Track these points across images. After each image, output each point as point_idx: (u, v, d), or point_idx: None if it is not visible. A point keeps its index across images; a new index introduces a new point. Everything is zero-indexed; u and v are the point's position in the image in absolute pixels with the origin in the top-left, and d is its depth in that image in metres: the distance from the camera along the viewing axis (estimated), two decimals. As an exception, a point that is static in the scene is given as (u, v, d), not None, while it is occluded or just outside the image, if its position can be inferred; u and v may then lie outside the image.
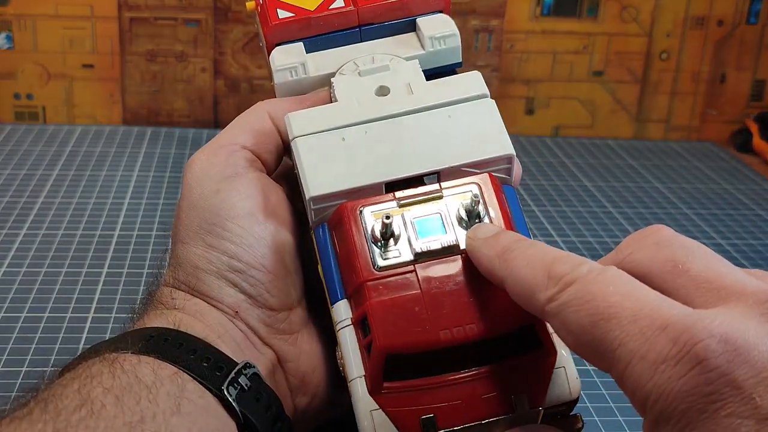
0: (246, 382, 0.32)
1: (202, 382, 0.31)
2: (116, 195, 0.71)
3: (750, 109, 0.96)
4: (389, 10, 0.40)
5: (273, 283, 0.36)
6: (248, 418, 0.32)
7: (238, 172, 0.37)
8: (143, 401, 0.29)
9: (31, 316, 0.52)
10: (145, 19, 0.86)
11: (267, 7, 0.40)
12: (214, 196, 0.36)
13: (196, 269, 0.36)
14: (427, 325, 0.31)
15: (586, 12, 0.91)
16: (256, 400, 0.32)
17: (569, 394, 0.32)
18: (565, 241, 0.67)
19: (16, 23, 0.85)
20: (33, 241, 0.62)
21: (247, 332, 0.36)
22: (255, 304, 0.36)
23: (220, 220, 0.36)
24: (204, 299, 0.36)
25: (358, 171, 0.34)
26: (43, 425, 0.27)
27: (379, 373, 0.31)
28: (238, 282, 0.35)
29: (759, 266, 0.65)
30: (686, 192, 0.80)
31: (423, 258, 0.32)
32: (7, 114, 0.88)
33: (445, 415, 0.31)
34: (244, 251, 0.35)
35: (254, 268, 0.36)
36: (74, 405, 0.28)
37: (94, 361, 0.31)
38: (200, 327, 0.34)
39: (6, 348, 0.48)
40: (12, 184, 0.72)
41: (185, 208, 0.37)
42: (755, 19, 0.93)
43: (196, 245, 0.36)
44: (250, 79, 0.89)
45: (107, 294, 0.55)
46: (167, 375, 0.31)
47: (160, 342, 0.32)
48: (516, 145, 0.35)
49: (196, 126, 0.90)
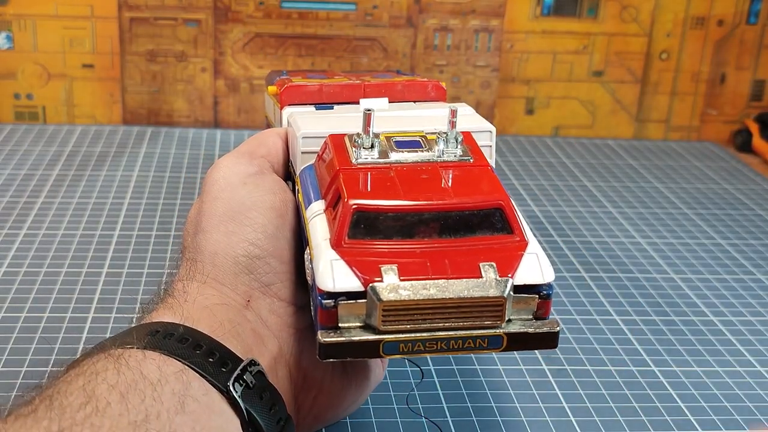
0: (251, 380, 0.33)
1: (207, 378, 0.31)
2: (116, 195, 0.71)
3: (750, 109, 0.96)
4: (392, 90, 0.44)
5: (287, 275, 0.37)
6: (252, 416, 0.32)
7: (263, 171, 0.39)
8: (148, 399, 0.29)
9: (31, 316, 0.52)
10: (145, 19, 0.86)
11: (285, 83, 0.45)
12: (241, 188, 0.38)
13: (214, 255, 0.36)
14: (399, 192, 0.32)
15: (586, 12, 0.91)
16: (260, 397, 0.33)
17: (541, 277, 0.32)
18: (564, 241, 0.67)
19: (16, 23, 0.85)
20: (33, 241, 0.62)
21: (256, 324, 0.36)
22: (267, 293, 0.37)
23: (245, 209, 0.37)
24: (217, 288, 0.36)
25: (346, 125, 0.38)
26: (48, 423, 0.27)
27: (344, 228, 0.31)
28: (254, 268, 0.36)
29: (759, 266, 0.65)
30: (686, 192, 0.80)
31: (400, 164, 0.34)
32: (7, 114, 0.88)
33: (408, 267, 0.31)
34: (265, 239, 0.37)
35: (272, 257, 0.37)
36: (79, 402, 0.28)
37: (99, 357, 0.31)
38: (208, 322, 0.34)
39: (6, 348, 0.48)
40: (12, 184, 0.72)
41: (209, 200, 0.38)
42: (755, 19, 0.93)
43: (218, 231, 0.37)
44: (250, 79, 0.89)
45: (107, 294, 0.55)
46: (172, 372, 0.31)
47: (165, 337, 0.32)
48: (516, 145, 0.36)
49: (196, 126, 0.90)
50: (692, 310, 0.57)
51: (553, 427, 0.45)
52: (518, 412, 0.46)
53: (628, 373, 0.50)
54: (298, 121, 0.40)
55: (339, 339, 0.30)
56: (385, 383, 0.47)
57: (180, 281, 0.37)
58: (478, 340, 0.31)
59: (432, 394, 0.47)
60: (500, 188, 0.33)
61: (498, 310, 0.31)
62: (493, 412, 0.46)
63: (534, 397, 0.47)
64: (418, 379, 0.48)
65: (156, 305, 0.36)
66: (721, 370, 0.50)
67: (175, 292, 0.36)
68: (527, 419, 0.45)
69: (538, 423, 0.45)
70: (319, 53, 0.89)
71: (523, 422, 0.45)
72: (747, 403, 0.48)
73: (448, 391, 0.47)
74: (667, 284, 0.61)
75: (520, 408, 0.46)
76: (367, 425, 0.44)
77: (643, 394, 0.48)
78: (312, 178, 0.37)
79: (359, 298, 0.30)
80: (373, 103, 0.43)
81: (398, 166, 0.34)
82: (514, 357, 0.51)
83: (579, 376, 0.49)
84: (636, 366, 0.51)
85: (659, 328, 0.55)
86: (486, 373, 0.49)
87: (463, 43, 0.89)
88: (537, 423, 0.45)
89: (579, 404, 0.47)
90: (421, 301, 0.30)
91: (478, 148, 0.36)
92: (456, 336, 0.31)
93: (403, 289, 0.30)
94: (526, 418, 0.45)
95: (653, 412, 0.47)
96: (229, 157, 0.40)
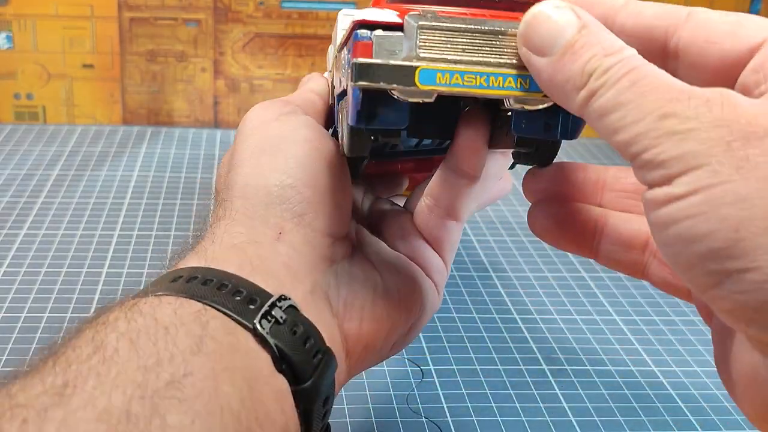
0: (281, 315, 0.31)
1: (231, 315, 0.30)
2: (116, 195, 0.71)
3: (750, 109, 0.96)
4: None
5: (322, 205, 0.36)
6: (284, 352, 0.30)
7: (296, 111, 0.39)
8: (160, 342, 0.27)
9: (31, 316, 0.52)
10: (145, 19, 0.86)
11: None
12: (274, 121, 0.37)
13: (246, 186, 0.36)
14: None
15: (586, 12, 0.91)
16: (292, 332, 0.31)
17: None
18: (565, 241, 0.67)
19: (16, 23, 0.85)
20: (33, 241, 0.62)
21: (289, 257, 0.34)
22: (301, 223, 0.35)
23: (277, 141, 0.36)
24: (246, 224, 0.35)
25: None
26: (53, 378, 0.25)
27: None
28: (287, 197, 0.35)
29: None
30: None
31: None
32: (7, 114, 0.88)
33: (447, 10, 0.30)
34: (298, 168, 0.36)
35: (306, 186, 0.35)
36: (86, 354, 0.26)
37: (112, 309, 0.29)
38: (236, 260, 0.33)
39: (6, 348, 0.48)
40: (12, 184, 0.72)
41: (242, 138, 0.38)
42: (755, 19, 0.93)
43: (250, 165, 0.36)
44: (250, 79, 0.89)
45: (107, 294, 0.55)
46: (189, 313, 0.29)
47: (188, 281, 0.31)
48: (516, 145, 0.35)
49: (196, 126, 0.90)
50: (692, 309, 0.57)
51: (553, 427, 0.45)
52: (518, 412, 0.46)
53: (628, 373, 0.50)
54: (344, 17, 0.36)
55: (374, 61, 0.29)
56: (385, 383, 0.47)
57: (210, 225, 0.36)
58: (519, 80, 0.29)
59: (432, 394, 0.47)
60: None
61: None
62: (493, 412, 0.46)
63: (534, 397, 0.47)
64: (418, 379, 0.48)
65: (183, 254, 0.34)
66: (721, 370, 0.51)
67: (204, 236, 0.35)
68: (527, 419, 0.45)
69: (538, 423, 0.45)
70: (319, 53, 0.89)
71: (523, 422, 0.45)
72: (747, 403, 0.48)
73: (448, 391, 0.47)
74: (667, 284, 0.61)
75: (520, 408, 0.46)
76: (367, 425, 0.44)
77: (643, 394, 0.48)
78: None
79: (397, 31, 0.29)
80: None
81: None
82: (514, 357, 0.51)
83: (579, 376, 0.49)
84: (636, 366, 0.51)
85: (659, 328, 0.55)
86: (486, 373, 0.49)
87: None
88: (537, 423, 0.45)
89: (579, 404, 0.47)
90: (459, 29, 0.29)
91: None
92: (497, 72, 0.29)
93: (441, 19, 0.29)
94: (526, 418, 0.45)
95: (653, 412, 0.47)
96: (263, 102, 0.39)
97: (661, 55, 0.28)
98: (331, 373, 0.32)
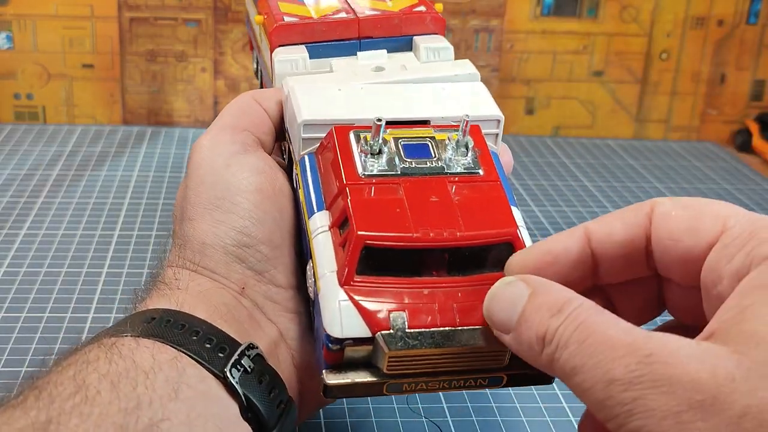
0: (249, 364, 0.32)
1: (203, 364, 0.31)
2: (116, 195, 0.71)
3: (750, 109, 0.96)
4: (389, 24, 0.42)
5: (280, 260, 0.36)
6: (251, 401, 0.31)
7: (246, 149, 0.37)
8: (140, 387, 0.28)
9: (31, 316, 0.52)
10: (145, 19, 0.86)
11: (273, 13, 0.42)
12: (225, 171, 0.36)
13: (204, 245, 0.36)
14: (408, 223, 0.31)
15: (586, 12, 0.91)
16: (258, 382, 0.32)
17: None
18: (565, 241, 0.67)
19: (16, 23, 0.85)
20: (33, 241, 0.62)
21: (253, 310, 0.35)
22: (262, 281, 0.36)
23: (230, 195, 0.36)
24: (210, 276, 0.35)
25: (351, 110, 0.36)
26: (36, 412, 0.26)
27: (353, 264, 0.31)
28: (245, 257, 0.35)
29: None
30: (686, 192, 0.80)
31: (409, 174, 0.33)
32: (7, 114, 0.88)
33: (417, 315, 0.30)
34: (253, 225, 0.35)
35: (262, 243, 0.36)
36: (68, 392, 0.27)
37: (91, 347, 0.30)
38: (204, 307, 0.34)
39: (6, 348, 0.48)
40: (12, 184, 0.72)
41: (193, 186, 0.37)
42: (755, 19, 0.93)
43: (204, 221, 0.36)
44: (250, 79, 0.89)
45: (107, 294, 0.55)
46: (166, 359, 0.30)
47: (161, 324, 0.32)
48: (516, 145, 0.36)
49: (196, 126, 0.90)
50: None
51: (553, 427, 0.45)
52: (518, 412, 0.46)
53: (628, 373, 0.50)
54: (299, 98, 0.37)
55: (344, 381, 0.30)
56: (385, 383, 0.47)
57: (171, 267, 0.36)
58: (479, 380, 0.32)
59: (432, 394, 0.47)
60: (509, 216, 0.33)
61: (501, 355, 0.31)
62: (493, 412, 0.46)
63: (534, 397, 0.47)
64: (418, 379, 0.48)
65: (149, 293, 0.35)
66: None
67: (167, 279, 0.35)
68: (527, 419, 0.45)
69: (538, 423, 0.45)
70: (319, 53, 0.89)
71: (523, 422, 0.45)
72: (747, 403, 0.48)
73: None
74: (667, 284, 0.61)
75: (520, 408, 0.46)
76: (367, 425, 0.44)
77: (643, 394, 0.48)
78: (314, 173, 0.35)
79: (366, 343, 0.30)
80: (371, 57, 0.41)
81: (406, 180, 0.33)
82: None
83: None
84: (636, 366, 0.51)
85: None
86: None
87: (463, 43, 0.89)
88: (537, 423, 0.45)
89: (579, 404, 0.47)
90: (427, 351, 0.30)
91: (487, 152, 0.35)
92: (458, 378, 0.31)
93: (410, 339, 0.30)
94: (526, 418, 0.45)
95: (653, 412, 0.47)
96: (210, 134, 0.38)
97: (646, 254, 0.29)
98: (291, 422, 0.34)
